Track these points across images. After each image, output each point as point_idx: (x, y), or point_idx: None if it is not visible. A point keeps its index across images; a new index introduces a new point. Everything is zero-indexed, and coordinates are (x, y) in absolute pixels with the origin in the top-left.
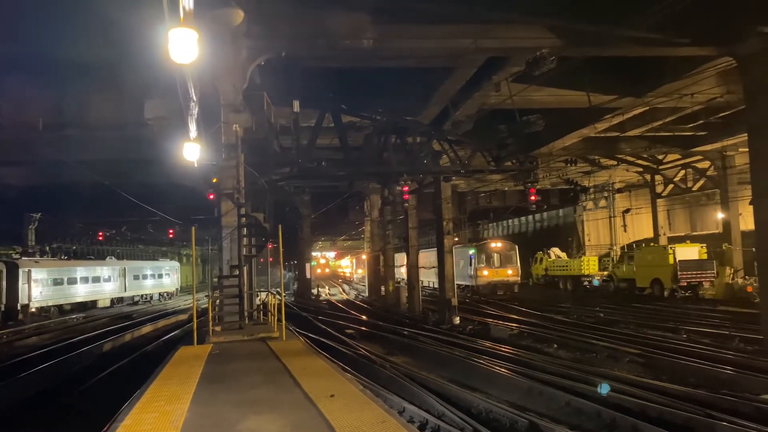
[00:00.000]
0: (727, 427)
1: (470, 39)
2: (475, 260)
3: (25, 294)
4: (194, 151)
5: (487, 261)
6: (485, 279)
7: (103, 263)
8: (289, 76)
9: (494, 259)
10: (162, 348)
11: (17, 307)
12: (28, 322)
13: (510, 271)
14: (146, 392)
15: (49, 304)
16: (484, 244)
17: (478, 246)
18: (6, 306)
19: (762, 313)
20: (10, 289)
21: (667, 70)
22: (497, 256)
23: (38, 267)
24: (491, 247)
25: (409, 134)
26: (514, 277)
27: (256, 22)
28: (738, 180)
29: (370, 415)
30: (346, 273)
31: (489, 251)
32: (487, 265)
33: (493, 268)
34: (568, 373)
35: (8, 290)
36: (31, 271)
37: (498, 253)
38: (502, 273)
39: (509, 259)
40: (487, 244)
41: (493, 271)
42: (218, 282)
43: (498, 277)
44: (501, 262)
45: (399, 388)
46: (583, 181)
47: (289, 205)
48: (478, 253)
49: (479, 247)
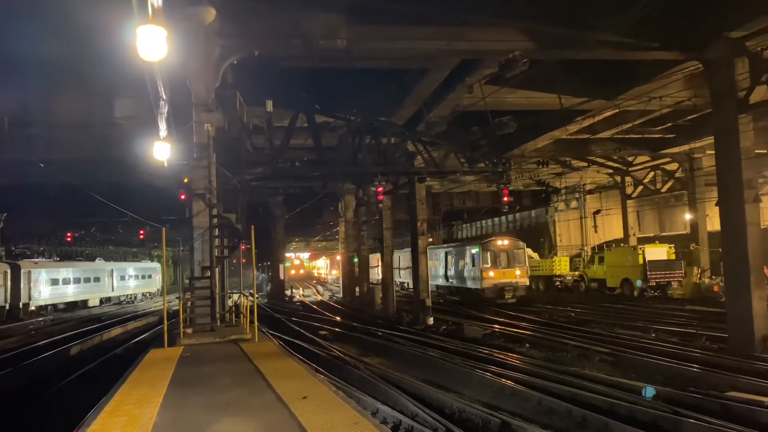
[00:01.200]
0: (694, 424)
1: (444, 41)
2: (480, 260)
3: (26, 294)
4: (164, 150)
5: (493, 261)
6: (491, 281)
7: (94, 264)
8: (263, 75)
9: (501, 259)
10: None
11: (19, 306)
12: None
13: (518, 271)
14: (115, 396)
15: (47, 303)
16: (489, 242)
17: (483, 244)
18: (10, 305)
19: (727, 312)
20: (13, 289)
21: (637, 73)
22: (504, 255)
23: (37, 268)
24: (498, 245)
25: (383, 135)
26: (523, 278)
27: (228, 20)
28: (705, 182)
29: (343, 416)
30: (322, 274)
31: (495, 249)
32: (492, 265)
33: (500, 269)
34: (540, 372)
35: (12, 290)
36: (31, 272)
37: (505, 251)
38: (509, 274)
39: (517, 258)
40: (493, 241)
41: (500, 272)
42: (189, 283)
43: (505, 279)
44: (508, 261)
45: (372, 389)
46: (554, 182)
47: (262, 205)
48: (482, 251)
49: (484, 245)
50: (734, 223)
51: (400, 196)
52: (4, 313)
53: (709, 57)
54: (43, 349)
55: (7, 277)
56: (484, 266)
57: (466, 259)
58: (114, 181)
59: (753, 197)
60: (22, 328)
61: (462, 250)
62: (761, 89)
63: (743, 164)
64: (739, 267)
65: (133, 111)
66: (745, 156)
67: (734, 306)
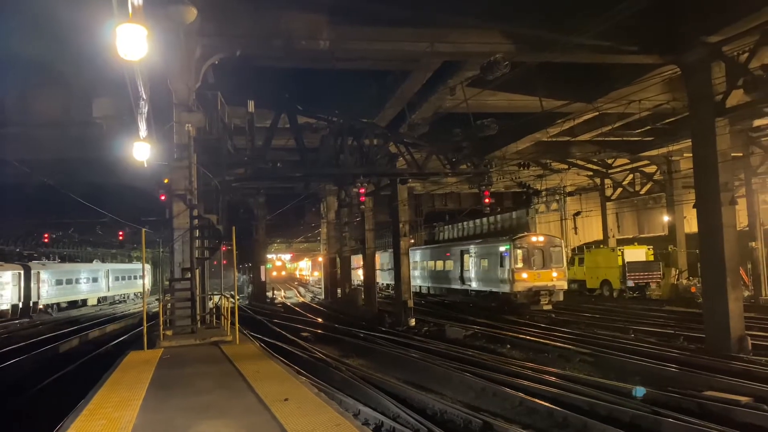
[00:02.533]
0: (673, 424)
1: (426, 43)
2: (511, 258)
3: (36, 293)
4: (144, 150)
5: (526, 260)
6: (524, 283)
7: (92, 266)
8: (244, 75)
9: (535, 258)
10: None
11: (30, 305)
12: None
13: (555, 273)
14: (93, 399)
15: (53, 302)
16: (522, 238)
17: (514, 240)
18: (23, 303)
19: (704, 313)
20: (25, 288)
21: (616, 76)
22: (539, 252)
23: (44, 269)
24: (532, 241)
25: (365, 136)
26: (561, 281)
27: (210, 20)
28: (683, 184)
29: (325, 418)
30: (305, 275)
31: (529, 247)
32: (526, 265)
33: (534, 270)
34: (522, 373)
35: (24, 290)
36: (40, 272)
37: (540, 249)
38: (545, 276)
39: (554, 257)
40: (527, 237)
41: (534, 273)
42: (169, 285)
43: (541, 281)
44: (544, 260)
45: (354, 390)
46: (535, 184)
47: (243, 206)
48: (513, 248)
49: (516, 242)
50: (711, 225)
51: (382, 197)
52: (18, 311)
53: (687, 61)
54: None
55: (20, 277)
56: (516, 266)
57: (490, 258)
58: (92, 181)
59: (729, 200)
60: None
61: (485, 248)
62: (737, 93)
63: (720, 167)
64: (716, 268)
65: (112, 110)
66: (721, 159)
67: (711, 307)
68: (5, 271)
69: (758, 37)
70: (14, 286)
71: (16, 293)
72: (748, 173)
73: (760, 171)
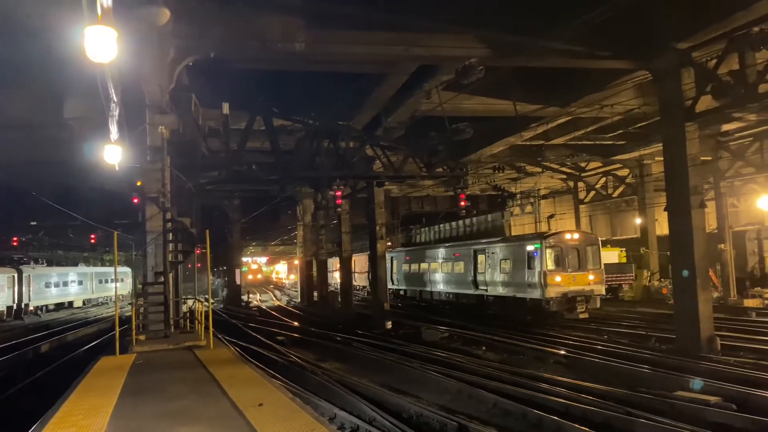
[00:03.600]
0: (645, 424)
1: (402, 46)
2: (541, 259)
3: (27, 295)
4: (115, 153)
5: (559, 261)
6: (558, 288)
7: (77, 269)
8: (219, 77)
9: (570, 258)
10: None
11: (22, 306)
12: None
13: (592, 275)
14: (63, 406)
15: (41, 304)
16: (555, 236)
17: (545, 237)
18: (17, 305)
19: (675, 314)
20: (18, 291)
21: (589, 81)
22: (574, 252)
23: (34, 272)
24: (566, 239)
25: (341, 139)
26: (598, 285)
27: (183, 21)
28: (654, 187)
29: (300, 423)
30: (282, 278)
31: (563, 246)
32: (559, 267)
33: (569, 272)
34: (497, 375)
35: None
36: (30, 276)
37: (575, 248)
38: (581, 279)
39: (591, 258)
40: (560, 235)
41: (569, 276)
42: (142, 289)
43: (577, 286)
44: (579, 261)
45: (330, 394)
46: (510, 187)
47: (218, 209)
48: (545, 248)
49: (548, 239)
50: (681, 227)
51: (358, 200)
52: (12, 312)
53: (658, 67)
54: None
55: (14, 280)
56: (548, 268)
57: (514, 259)
58: (63, 183)
59: (699, 203)
60: None
61: (508, 247)
62: (706, 99)
63: (690, 171)
64: (686, 270)
65: (83, 112)
66: (691, 163)
67: (681, 308)
68: (1, 274)
69: (726, 44)
70: (9, 289)
71: (10, 295)
72: (716, 177)
73: (728, 175)
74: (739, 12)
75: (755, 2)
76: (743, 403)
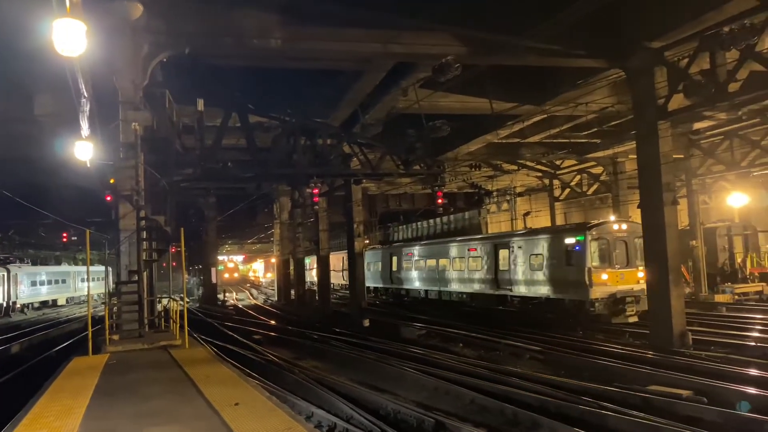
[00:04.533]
0: (618, 418)
1: (379, 44)
2: (586, 254)
3: (15, 293)
4: (87, 150)
5: (605, 256)
6: (605, 288)
7: (61, 268)
8: (194, 73)
9: (618, 253)
10: None
11: (10, 304)
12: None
13: (641, 272)
14: (33, 408)
15: (28, 302)
16: (601, 227)
17: (589, 228)
18: (6, 303)
19: (648, 310)
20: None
21: (564, 80)
22: (622, 246)
23: (21, 271)
24: (613, 230)
25: (318, 136)
26: None
27: (157, 16)
28: (628, 185)
29: (277, 422)
30: (259, 277)
31: (610, 238)
32: (605, 263)
33: (617, 269)
34: (474, 371)
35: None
36: (17, 274)
37: (623, 241)
38: (630, 277)
39: (640, 252)
40: (606, 225)
41: (617, 274)
42: (116, 288)
43: (626, 284)
44: (628, 256)
45: (307, 392)
46: (486, 185)
47: (193, 207)
48: (589, 240)
49: (592, 230)
50: (654, 224)
51: (336, 197)
52: (2, 310)
53: (631, 66)
54: None
55: (4, 279)
56: (593, 264)
57: (549, 254)
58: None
59: (671, 200)
60: None
61: (540, 241)
62: (678, 97)
63: (662, 168)
64: (659, 266)
65: (54, 108)
66: (664, 160)
67: (654, 303)
68: None
69: (698, 43)
70: (0, 287)
71: (1, 293)
72: (688, 175)
73: (699, 172)
74: (710, 12)
75: (726, 3)
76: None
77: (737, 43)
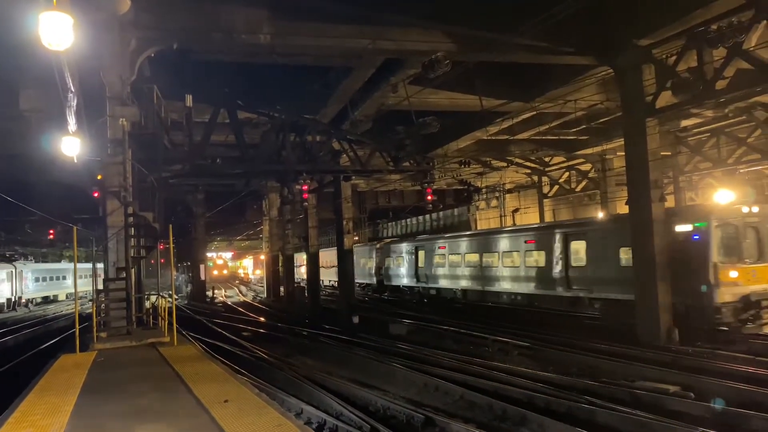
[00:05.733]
0: (606, 413)
1: (368, 39)
2: (711, 246)
3: (20, 289)
4: (74, 145)
5: (733, 248)
6: (735, 289)
7: (60, 265)
8: (182, 69)
9: (749, 244)
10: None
11: (17, 299)
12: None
13: None
14: (20, 406)
15: (32, 297)
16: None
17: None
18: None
19: (636, 306)
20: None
21: (553, 77)
22: (753, 234)
23: (26, 268)
24: (741, 214)
25: (308, 133)
26: None
27: (145, 11)
28: (616, 181)
29: (266, 419)
30: (248, 274)
31: (739, 224)
32: (734, 257)
33: (748, 265)
34: (462, 367)
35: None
36: (23, 271)
37: (755, 228)
38: (763, 275)
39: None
40: (735, 210)
41: (748, 270)
42: (104, 285)
43: (759, 284)
44: (760, 249)
45: (297, 389)
46: (476, 181)
47: (181, 203)
48: (713, 228)
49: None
50: (642, 220)
51: (325, 194)
52: (11, 304)
53: (620, 63)
54: None
55: (12, 275)
56: (720, 260)
57: None
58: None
59: (659, 196)
60: None
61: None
62: (666, 95)
63: (650, 165)
64: (647, 263)
65: (40, 103)
66: (651, 157)
67: (642, 300)
68: (1, 269)
69: (685, 41)
70: (8, 282)
71: (9, 289)
72: (676, 172)
73: (686, 170)
74: (698, 10)
75: (713, 1)
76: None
77: (725, 41)
